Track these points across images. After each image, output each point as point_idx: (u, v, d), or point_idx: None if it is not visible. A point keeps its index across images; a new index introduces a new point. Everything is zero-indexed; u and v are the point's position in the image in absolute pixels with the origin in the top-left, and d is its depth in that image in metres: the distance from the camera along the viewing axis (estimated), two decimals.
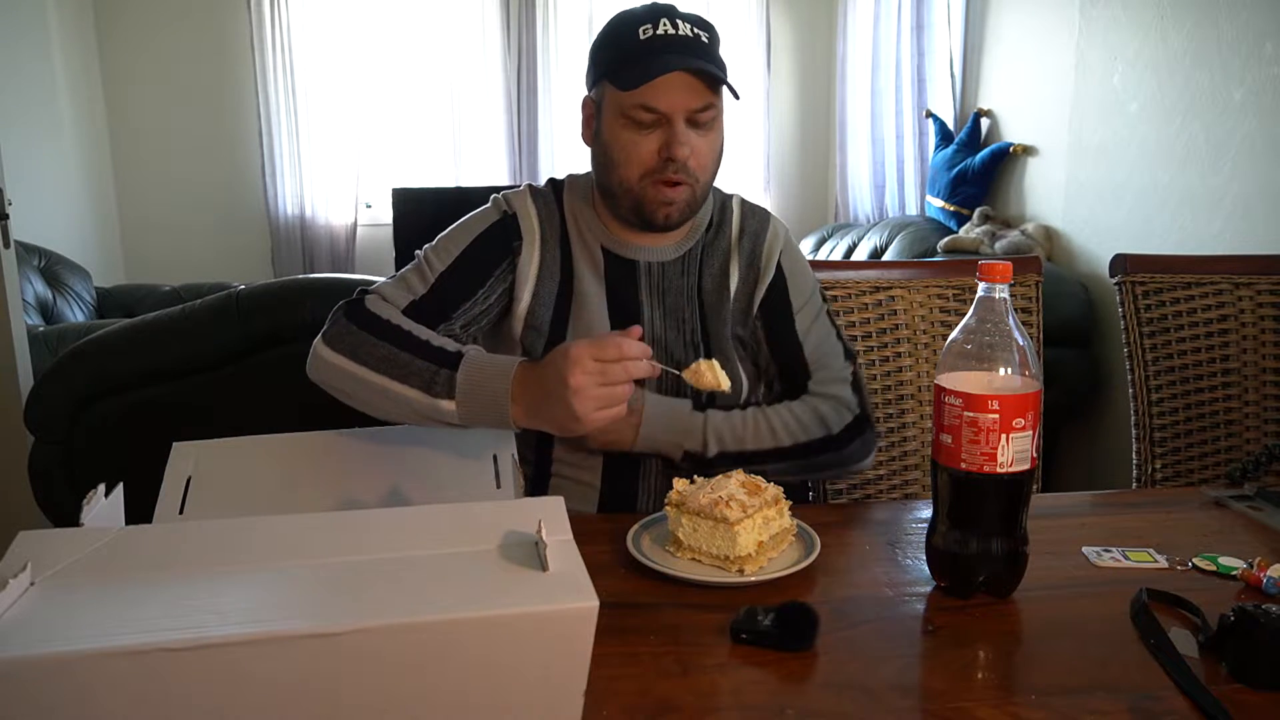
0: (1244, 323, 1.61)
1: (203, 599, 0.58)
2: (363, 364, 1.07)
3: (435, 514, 0.70)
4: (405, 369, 1.06)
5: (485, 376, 1.03)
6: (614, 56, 1.15)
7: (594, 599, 0.59)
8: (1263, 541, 1.04)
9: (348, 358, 1.08)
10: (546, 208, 1.25)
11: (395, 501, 1.03)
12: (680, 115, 1.12)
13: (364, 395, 1.08)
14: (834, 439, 1.18)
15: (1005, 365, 0.86)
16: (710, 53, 1.13)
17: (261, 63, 4.15)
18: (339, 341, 1.10)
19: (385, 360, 1.07)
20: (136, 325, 1.74)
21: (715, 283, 1.25)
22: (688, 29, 1.12)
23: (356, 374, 1.08)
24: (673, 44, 1.11)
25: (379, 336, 1.09)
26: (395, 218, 4.05)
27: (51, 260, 3.50)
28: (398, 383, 1.05)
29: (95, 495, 0.73)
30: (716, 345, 1.24)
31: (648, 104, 1.11)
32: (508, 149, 4.38)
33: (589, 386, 0.95)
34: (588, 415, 0.96)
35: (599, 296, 1.22)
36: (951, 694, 0.73)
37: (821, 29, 4.54)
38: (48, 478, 1.76)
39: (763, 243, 1.26)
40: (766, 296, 1.25)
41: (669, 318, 1.23)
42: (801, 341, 1.24)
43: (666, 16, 1.13)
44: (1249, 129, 2.21)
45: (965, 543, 0.88)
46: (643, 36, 1.12)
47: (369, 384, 1.07)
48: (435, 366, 1.05)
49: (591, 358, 0.96)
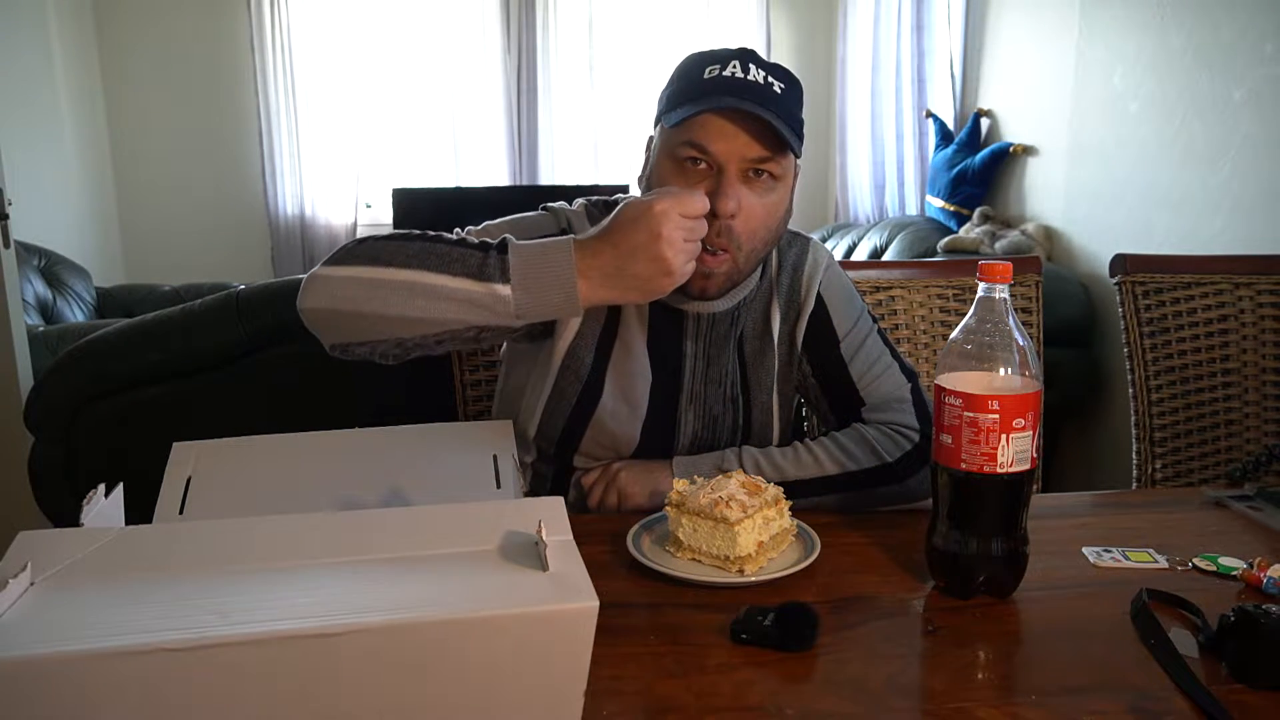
0: (1244, 323, 1.61)
1: (203, 599, 0.58)
2: (387, 264, 0.92)
3: (435, 514, 0.70)
4: (445, 258, 0.92)
5: (542, 252, 0.92)
6: (673, 93, 1.05)
7: (594, 599, 0.59)
8: (1263, 541, 1.04)
9: (365, 264, 0.93)
10: None
11: (395, 501, 1.03)
12: (734, 164, 1.00)
13: (387, 304, 0.92)
14: (889, 469, 1.09)
15: (1005, 365, 0.86)
16: (781, 104, 1.01)
17: (261, 63, 4.15)
18: (350, 256, 0.95)
19: (418, 255, 0.93)
20: (136, 325, 1.74)
21: (757, 329, 1.18)
22: (759, 75, 1.01)
23: (378, 278, 0.92)
24: (736, 86, 1.00)
25: (406, 240, 0.96)
26: (395, 218, 4.06)
27: (51, 260, 3.50)
28: (437, 273, 0.91)
29: (95, 495, 0.73)
30: (755, 398, 1.19)
31: (696, 141, 1.00)
32: (508, 149, 4.38)
33: (678, 239, 0.91)
34: (680, 267, 0.92)
35: (641, 343, 1.14)
36: (951, 694, 0.73)
37: (821, 29, 4.54)
38: (48, 478, 1.76)
39: (802, 273, 1.18)
40: (810, 330, 1.18)
41: (711, 369, 1.17)
42: (849, 367, 1.16)
43: (739, 59, 1.02)
44: (1249, 129, 2.21)
45: (965, 543, 0.88)
46: (707, 76, 1.02)
47: (396, 285, 0.92)
48: (481, 252, 0.93)
49: (679, 212, 0.92)
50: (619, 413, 1.16)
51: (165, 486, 0.96)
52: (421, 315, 0.92)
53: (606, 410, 1.15)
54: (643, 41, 4.43)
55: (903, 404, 1.14)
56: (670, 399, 1.17)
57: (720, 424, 1.19)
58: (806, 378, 1.20)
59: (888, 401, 1.14)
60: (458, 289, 0.91)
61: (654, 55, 4.42)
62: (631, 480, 1.13)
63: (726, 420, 1.19)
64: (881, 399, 1.15)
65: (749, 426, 1.20)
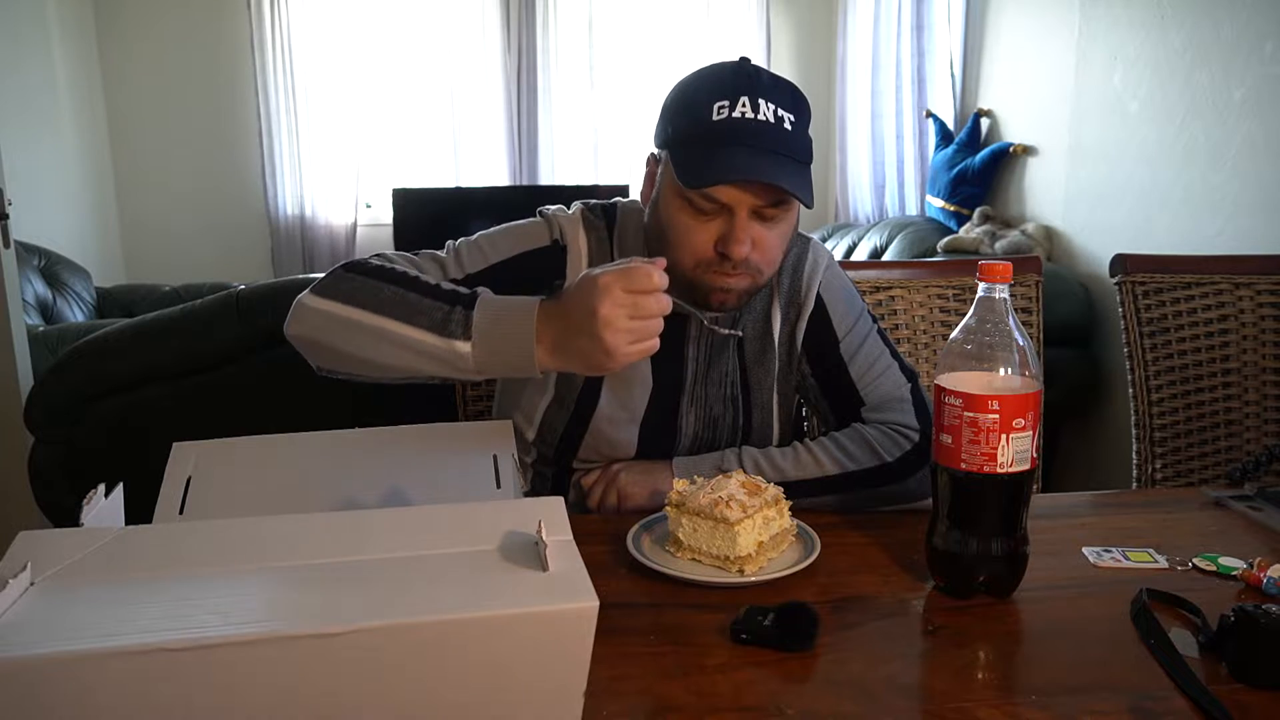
0: (1244, 323, 1.62)
1: (203, 599, 0.58)
2: (360, 306, 0.96)
3: (435, 514, 0.70)
4: (412, 309, 0.94)
5: (506, 312, 0.93)
6: (682, 130, 1.02)
7: (594, 599, 0.59)
8: (1263, 541, 1.04)
9: (341, 302, 0.97)
10: (598, 242, 1.15)
11: (395, 501, 1.03)
12: (745, 209, 1.00)
13: (356, 345, 0.96)
14: (889, 469, 1.09)
15: (1005, 365, 0.86)
16: (792, 142, 1.00)
17: (261, 63, 4.15)
18: (332, 289, 0.99)
19: (389, 302, 0.95)
20: (136, 325, 1.75)
21: (758, 329, 1.18)
22: (769, 111, 0.99)
23: (350, 318, 0.96)
24: (746, 132, 0.98)
25: (382, 280, 0.98)
26: (395, 218, 4.06)
27: (51, 260, 3.50)
28: (402, 323, 0.94)
29: (95, 495, 0.73)
30: (756, 398, 1.19)
31: (711, 195, 1.00)
32: (508, 149, 4.38)
33: (619, 318, 0.87)
34: (619, 349, 0.88)
35: None
36: (951, 694, 0.73)
37: (821, 29, 4.54)
38: (48, 478, 1.76)
39: (802, 274, 1.18)
40: (809, 330, 1.18)
41: (711, 370, 1.17)
42: (849, 367, 1.16)
43: (748, 94, 0.99)
44: (1249, 129, 2.21)
45: (965, 543, 0.88)
46: (716, 117, 0.99)
47: (365, 329, 0.95)
48: (448, 305, 0.94)
49: (622, 288, 0.87)
50: (616, 419, 1.16)
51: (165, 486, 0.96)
52: (386, 361, 0.96)
53: (604, 416, 1.16)
54: (643, 42, 4.43)
55: (903, 404, 1.14)
56: (671, 400, 1.17)
57: (720, 424, 1.19)
58: (806, 378, 1.20)
59: (887, 401, 1.14)
60: (420, 341, 0.93)
61: (654, 55, 4.42)
62: (631, 481, 1.13)
63: (726, 420, 1.19)
64: (881, 399, 1.15)
65: (749, 427, 1.20)
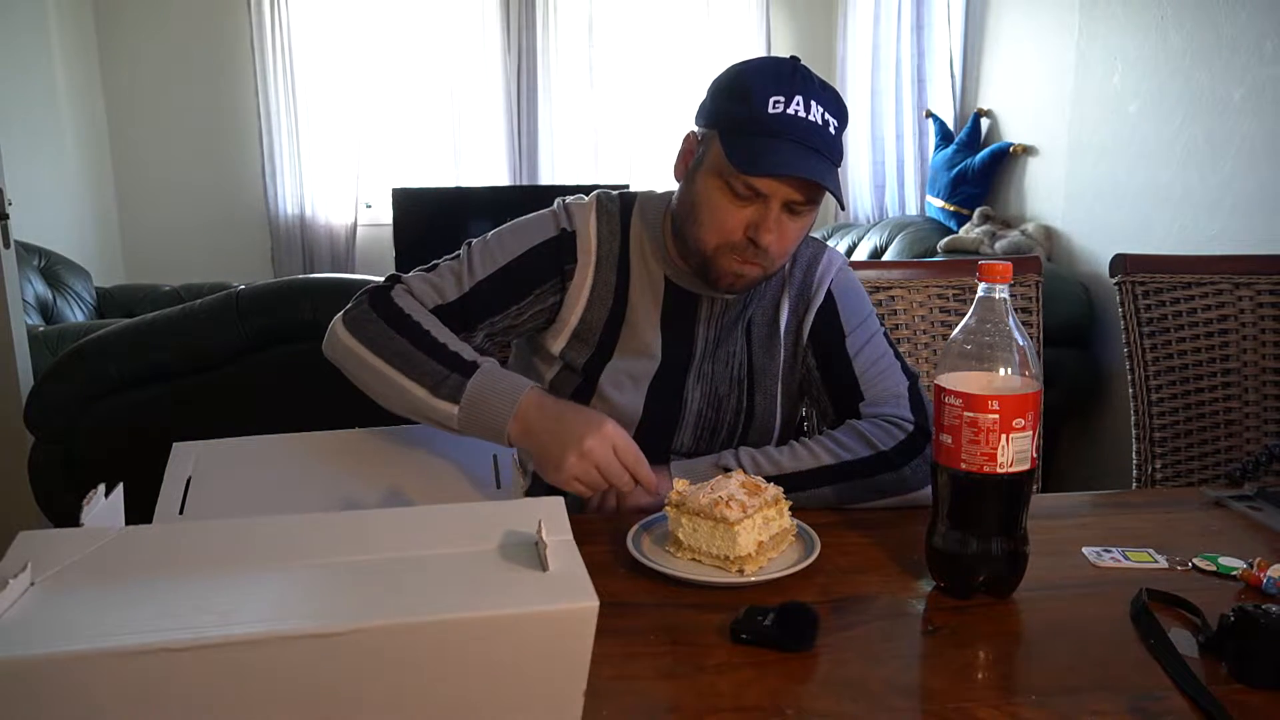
0: (1244, 323, 1.62)
1: (203, 599, 0.58)
2: (377, 354, 1.09)
3: (435, 514, 0.70)
4: (418, 367, 1.07)
5: (494, 392, 1.05)
6: (737, 118, 1.06)
7: (594, 599, 0.59)
8: (1263, 541, 1.04)
9: (363, 344, 1.10)
10: (609, 227, 1.19)
11: (395, 501, 1.03)
12: (780, 200, 1.06)
13: (370, 382, 1.10)
14: (885, 458, 1.11)
15: (1005, 365, 0.86)
16: (834, 146, 1.07)
17: (261, 63, 4.14)
18: (358, 326, 1.11)
19: (399, 355, 1.08)
20: (136, 325, 1.75)
21: (766, 318, 1.22)
22: (819, 114, 1.05)
23: (368, 361, 1.09)
24: (798, 130, 1.04)
25: (398, 330, 1.10)
26: (395, 218, 4.05)
27: (51, 260, 3.50)
28: (405, 378, 1.07)
29: (95, 495, 0.73)
30: (760, 383, 1.22)
31: (752, 184, 1.05)
32: (508, 149, 4.38)
33: (591, 459, 1.00)
34: (569, 473, 1.01)
35: (652, 322, 1.19)
36: (951, 694, 0.73)
37: (821, 29, 4.54)
38: (48, 478, 1.76)
39: (815, 271, 1.22)
40: (816, 322, 1.21)
41: (719, 348, 1.21)
42: (853, 362, 1.19)
43: (803, 94, 1.04)
44: (1249, 129, 2.21)
45: (965, 543, 0.88)
46: (771, 110, 1.04)
47: (378, 373, 1.08)
48: (447, 370, 1.06)
49: (618, 449, 1.01)
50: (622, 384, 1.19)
51: (165, 486, 0.96)
52: (390, 404, 1.10)
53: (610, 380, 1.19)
54: (643, 42, 4.43)
55: (899, 399, 1.17)
56: (679, 373, 1.20)
57: (725, 405, 1.22)
58: (811, 370, 1.23)
59: (885, 397, 1.17)
60: (416, 395, 1.06)
61: (654, 55, 4.42)
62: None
63: (731, 401, 1.22)
64: (879, 394, 1.17)
65: (752, 410, 1.22)
